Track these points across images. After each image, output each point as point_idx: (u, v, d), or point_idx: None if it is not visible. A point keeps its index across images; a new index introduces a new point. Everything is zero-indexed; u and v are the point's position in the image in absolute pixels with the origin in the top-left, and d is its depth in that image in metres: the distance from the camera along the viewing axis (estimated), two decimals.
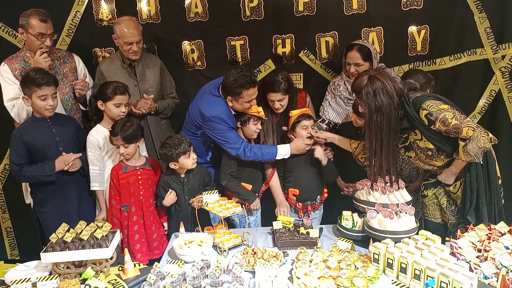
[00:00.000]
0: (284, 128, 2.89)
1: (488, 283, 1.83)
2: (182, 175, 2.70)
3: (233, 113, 2.78)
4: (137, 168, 2.68)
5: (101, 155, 2.79)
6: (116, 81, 2.86)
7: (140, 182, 2.68)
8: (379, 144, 2.32)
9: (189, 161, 2.63)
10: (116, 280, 2.04)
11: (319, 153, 2.78)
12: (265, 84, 2.85)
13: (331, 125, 3.11)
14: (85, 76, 3.05)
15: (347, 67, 2.97)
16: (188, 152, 2.62)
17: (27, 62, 2.85)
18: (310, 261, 2.05)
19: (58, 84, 2.76)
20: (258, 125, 2.80)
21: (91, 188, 2.80)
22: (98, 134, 2.78)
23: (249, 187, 2.85)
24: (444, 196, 2.50)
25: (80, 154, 2.76)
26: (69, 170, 2.69)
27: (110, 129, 2.65)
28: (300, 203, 2.83)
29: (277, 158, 2.77)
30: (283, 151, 2.76)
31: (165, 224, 2.81)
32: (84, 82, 3.00)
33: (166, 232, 2.80)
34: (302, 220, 2.54)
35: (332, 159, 2.86)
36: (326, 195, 2.88)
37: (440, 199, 2.52)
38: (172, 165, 2.65)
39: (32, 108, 2.68)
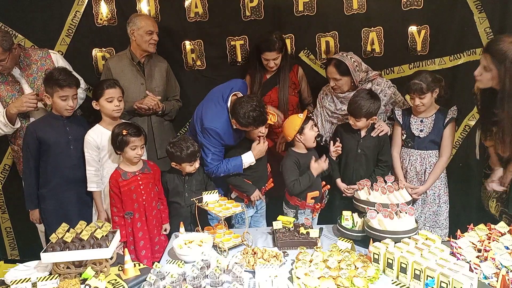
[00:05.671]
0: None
1: (488, 283, 1.83)
2: (184, 174, 2.73)
3: (234, 127, 2.73)
4: (136, 173, 2.62)
5: (98, 155, 2.74)
6: (106, 79, 2.88)
7: (141, 187, 2.62)
8: None
9: (190, 168, 2.68)
10: (116, 280, 2.04)
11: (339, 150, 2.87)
12: (260, 44, 2.97)
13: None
14: None
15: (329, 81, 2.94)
16: (193, 161, 2.65)
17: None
18: (310, 261, 2.05)
19: (80, 86, 2.81)
20: (261, 129, 2.76)
21: (88, 189, 2.76)
22: (97, 134, 2.72)
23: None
24: None
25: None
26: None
27: (125, 132, 2.55)
28: (318, 204, 2.82)
29: (244, 167, 2.80)
30: (248, 160, 2.79)
31: (167, 226, 2.76)
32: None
33: (166, 233, 2.76)
34: (303, 220, 2.55)
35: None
36: (328, 186, 2.89)
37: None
38: (173, 164, 2.71)
39: (52, 106, 2.74)
